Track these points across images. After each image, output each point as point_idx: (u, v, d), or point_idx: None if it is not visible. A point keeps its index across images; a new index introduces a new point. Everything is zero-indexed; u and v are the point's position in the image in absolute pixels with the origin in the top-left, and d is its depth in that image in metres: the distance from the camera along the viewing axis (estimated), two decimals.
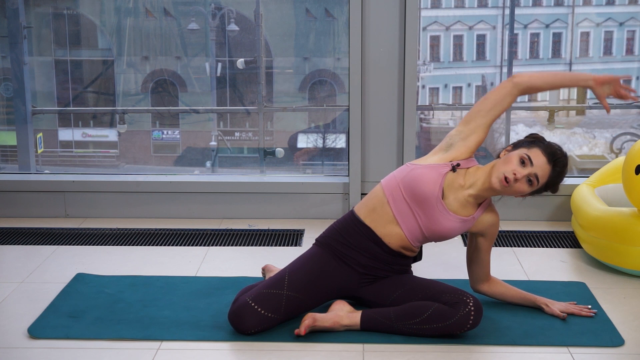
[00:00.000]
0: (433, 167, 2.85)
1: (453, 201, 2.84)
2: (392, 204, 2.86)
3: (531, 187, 2.79)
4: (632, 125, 8.18)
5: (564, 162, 2.81)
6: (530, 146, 2.81)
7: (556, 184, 2.83)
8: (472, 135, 2.89)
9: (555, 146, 2.83)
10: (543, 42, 9.98)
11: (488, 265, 3.01)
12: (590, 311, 2.97)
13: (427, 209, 2.82)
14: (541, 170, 2.77)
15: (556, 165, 2.79)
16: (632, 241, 3.33)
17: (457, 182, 2.85)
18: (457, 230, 2.86)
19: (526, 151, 2.79)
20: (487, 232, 2.94)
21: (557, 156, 2.80)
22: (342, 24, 5.56)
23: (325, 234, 2.99)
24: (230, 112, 7.24)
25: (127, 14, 6.17)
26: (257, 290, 2.82)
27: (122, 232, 4.09)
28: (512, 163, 2.77)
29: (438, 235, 2.86)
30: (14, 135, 4.95)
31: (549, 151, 2.79)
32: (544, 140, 2.85)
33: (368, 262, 2.90)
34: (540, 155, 2.78)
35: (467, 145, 2.89)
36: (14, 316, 2.98)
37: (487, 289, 3.04)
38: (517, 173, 2.75)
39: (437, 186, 2.82)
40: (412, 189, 2.83)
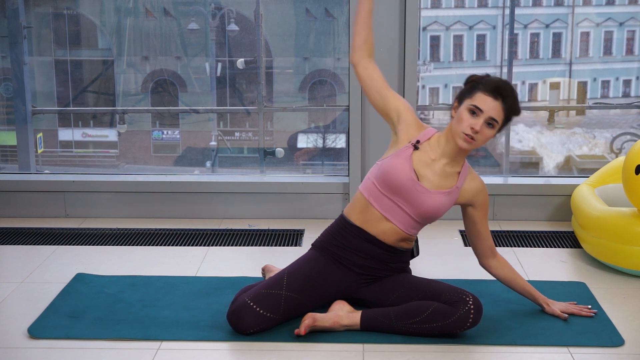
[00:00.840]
0: (396, 154, 2.86)
1: (431, 177, 2.84)
2: (375, 205, 2.87)
3: (494, 129, 2.78)
4: (632, 125, 8.19)
5: (509, 89, 2.78)
6: (472, 93, 2.79)
7: (515, 111, 2.81)
8: (394, 112, 2.91)
9: (493, 80, 2.80)
10: (543, 42, 9.97)
11: (489, 238, 2.99)
12: (590, 311, 2.97)
13: (407, 195, 2.82)
14: (493, 110, 2.76)
15: (504, 98, 2.77)
16: (632, 241, 3.33)
17: (427, 157, 2.86)
18: (445, 204, 2.85)
19: (470, 101, 2.78)
20: (475, 201, 2.92)
21: (500, 89, 2.77)
22: (342, 24, 5.56)
23: (321, 239, 2.99)
24: (230, 112, 7.24)
25: (127, 14, 6.18)
26: (256, 290, 2.82)
27: (122, 232, 4.09)
28: (464, 119, 2.77)
29: (429, 215, 2.86)
30: (14, 135, 4.95)
31: (490, 89, 2.77)
32: (481, 78, 2.83)
33: (366, 263, 2.91)
34: (485, 98, 2.76)
35: (404, 121, 2.90)
36: (14, 316, 2.98)
37: (496, 268, 3.00)
38: (474, 126, 2.75)
39: (408, 169, 2.82)
40: (386, 183, 2.84)
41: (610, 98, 10.14)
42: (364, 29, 2.94)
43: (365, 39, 2.94)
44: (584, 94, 9.93)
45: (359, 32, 2.95)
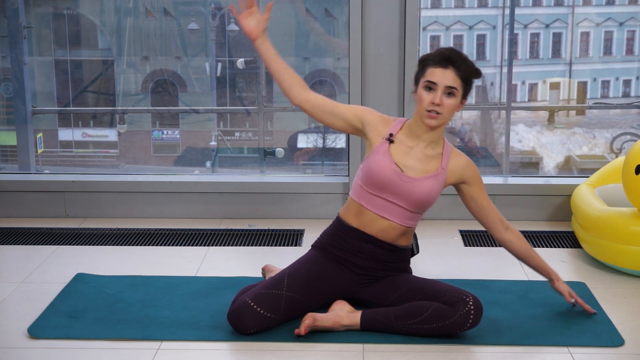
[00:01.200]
0: (374, 152, 2.87)
1: (414, 164, 2.85)
2: (368, 207, 2.87)
3: (456, 97, 2.78)
4: (632, 125, 8.19)
5: (456, 55, 2.78)
6: (424, 71, 2.81)
7: (471, 73, 2.81)
8: (352, 115, 2.91)
9: (439, 51, 2.80)
10: (543, 42, 9.98)
11: (494, 210, 2.98)
12: (591, 310, 2.97)
13: (395, 189, 2.83)
14: (447, 79, 2.77)
15: (454, 64, 2.77)
16: (632, 241, 3.33)
17: (404, 146, 2.87)
18: (434, 188, 2.85)
19: (424, 79, 2.80)
20: (466, 177, 2.93)
21: (447, 57, 2.78)
22: (342, 24, 5.56)
23: (320, 240, 3.00)
24: (230, 112, 7.24)
25: (127, 14, 6.18)
26: (257, 290, 2.82)
27: (122, 232, 4.09)
28: (423, 97, 2.79)
29: (422, 203, 2.86)
30: (14, 135, 4.95)
31: (437, 60, 2.78)
32: (429, 54, 2.84)
33: (366, 263, 2.91)
34: (434, 70, 2.77)
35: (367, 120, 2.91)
36: (14, 316, 2.98)
37: (511, 240, 2.98)
38: (433, 100, 2.77)
39: (390, 163, 2.83)
40: (372, 182, 2.85)
41: (610, 98, 10.15)
42: (283, 72, 2.93)
43: (290, 79, 2.93)
44: (584, 94, 9.93)
45: (281, 77, 2.93)
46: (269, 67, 2.94)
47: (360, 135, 2.97)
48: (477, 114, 8.93)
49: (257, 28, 2.91)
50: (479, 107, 9.63)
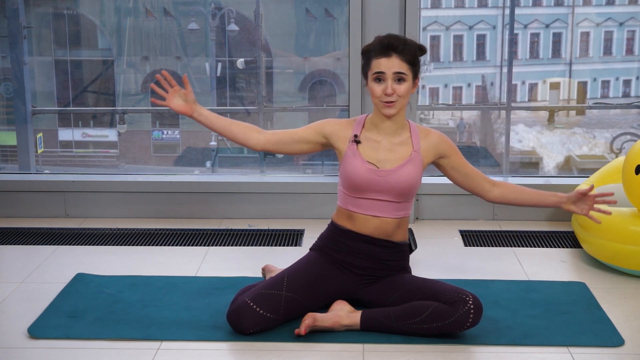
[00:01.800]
0: (346, 157, 2.88)
1: (387, 155, 2.86)
2: (356, 210, 2.89)
3: (407, 80, 2.79)
4: (632, 125, 8.20)
5: (395, 41, 2.78)
6: (369, 64, 2.81)
7: (414, 52, 2.81)
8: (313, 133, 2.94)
9: (379, 41, 2.80)
10: (543, 42, 9.99)
11: (478, 173, 2.98)
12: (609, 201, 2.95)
13: (377, 186, 2.84)
14: (394, 66, 2.78)
15: (396, 50, 2.78)
16: (632, 241, 3.33)
17: (372, 142, 2.88)
18: (414, 172, 2.86)
19: (371, 71, 2.81)
20: (442, 151, 2.93)
21: (387, 45, 2.78)
22: (342, 24, 5.56)
23: (318, 242, 3.00)
24: (230, 112, 7.24)
25: (127, 14, 6.18)
26: (256, 290, 2.82)
27: (122, 232, 4.09)
28: (375, 89, 2.80)
29: (407, 190, 2.86)
30: (14, 135, 4.95)
31: (379, 50, 2.79)
32: (370, 45, 2.83)
33: (364, 264, 2.91)
34: (380, 61, 2.78)
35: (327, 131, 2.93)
36: (14, 316, 2.98)
37: (503, 193, 2.99)
38: (385, 90, 2.78)
39: (363, 163, 2.84)
40: (352, 186, 2.86)
41: (610, 98, 10.15)
42: (231, 128, 2.94)
43: (241, 131, 2.94)
44: (584, 94, 9.94)
45: (233, 134, 2.94)
46: (217, 131, 2.96)
47: (329, 148, 2.98)
48: (477, 114, 8.94)
49: (187, 104, 2.92)
50: (479, 107, 9.64)
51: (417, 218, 4.31)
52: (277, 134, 2.96)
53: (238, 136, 2.94)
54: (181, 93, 2.92)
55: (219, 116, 2.96)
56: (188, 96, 2.91)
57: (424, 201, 4.29)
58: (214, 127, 2.94)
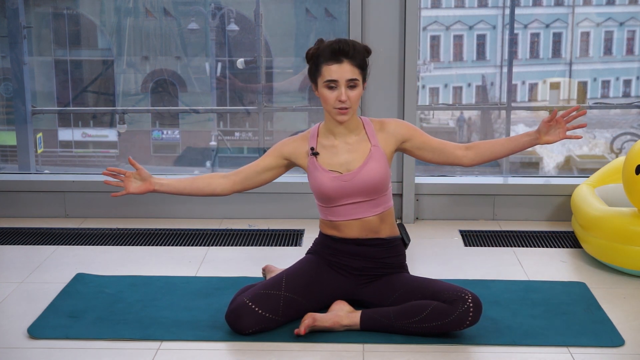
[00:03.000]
0: (309, 172, 2.90)
1: (347, 157, 2.86)
2: (336, 219, 2.90)
3: (359, 85, 2.79)
4: (632, 125, 8.19)
5: (344, 46, 2.74)
6: (319, 69, 2.78)
7: (363, 56, 2.80)
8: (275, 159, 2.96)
9: (327, 47, 2.76)
10: (543, 42, 9.99)
11: (447, 143, 2.94)
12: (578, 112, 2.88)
13: (346, 191, 2.84)
14: (346, 73, 2.76)
15: (347, 56, 2.75)
16: (632, 241, 3.33)
17: (329, 148, 2.88)
18: (381, 166, 2.85)
19: (322, 78, 2.77)
20: (401, 135, 2.90)
21: (337, 52, 2.74)
22: (342, 24, 5.56)
23: (314, 248, 3.01)
24: (230, 112, 7.24)
25: (127, 14, 6.17)
26: (255, 290, 2.82)
27: (122, 232, 4.09)
28: (328, 97, 2.78)
29: (377, 186, 2.85)
30: (14, 135, 4.95)
31: (329, 56, 2.75)
32: (317, 49, 2.80)
33: (360, 264, 2.91)
34: (330, 68, 2.76)
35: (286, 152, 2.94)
36: (14, 316, 2.98)
37: (475, 154, 2.93)
38: (339, 97, 2.77)
39: (325, 173, 2.85)
40: (324, 198, 2.87)
41: (610, 98, 10.16)
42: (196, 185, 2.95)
43: (206, 185, 2.95)
44: (584, 94, 9.94)
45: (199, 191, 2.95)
46: (182, 194, 2.97)
47: (296, 167, 2.98)
48: (477, 114, 8.94)
49: (145, 183, 2.93)
50: (479, 107, 9.64)
51: (417, 218, 4.31)
52: (240, 172, 2.96)
53: (204, 189, 2.95)
54: (135, 175, 2.92)
55: (180, 179, 2.97)
56: (142, 174, 2.92)
57: (424, 201, 4.29)
58: (178, 191, 2.95)
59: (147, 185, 2.92)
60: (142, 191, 2.92)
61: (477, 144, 2.97)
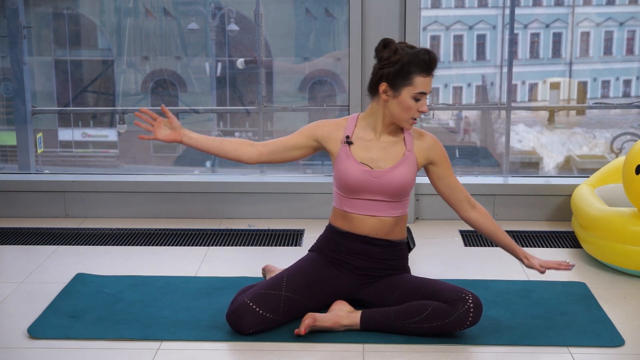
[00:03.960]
0: (338, 159, 2.88)
1: (381, 154, 2.86)
2: (352, 211, 2.89)
3: None
4: (632, 125, 8.19)
5: (435, 61, 2.76)
6: (409, 78, 2.75)
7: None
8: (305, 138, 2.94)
9: (421, 58, 2.75)
10: (543, 42, 9.98)
11: (462, 190, 2.96)
12: (568, 265, 2.91)
13: (371, 187, 2.84)
14: (430, 86, 2.79)
15: (434, 69, 2.77)
16: (632, 241, 3.33)
17: (365, 141, 2.87)
18: (408, 173, 2.85)
19: (413, 89, 2.76)
20: (432, 157, 2.92)
21: (428, 63, 2.75)
22: (342, 24, 5.56)
23: (317, 244, 3.00)
24: (230, 112, 7.24)
25: (127, 14, 6.17)
26: (256, 290, 2.82)
27: (122, 232, 4.09)
28: (411, 107, 2.78)
29: (401, 190, 2.86)
30: (14, 135, 4.95)
31: (424, 68, 2.75)
32: (405, 54, 2.75)
33: (364, 264, 2.91)
34: (424, 81, 2.76)
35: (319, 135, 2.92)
36: (14, 316, 2.98)
37: (477, 218, 2.96)
38: (421, 108, 2.78)
39: (355, 164, 2.84)
40: (347, 187, 2.86)
41: (610, 98, 10.16)
42: (222, 146, 2.95)
43: (233, 148, 2.94)
44: (584, 94, 9.94)
45: (225, 153, 2.94)
46: (208, 152, 2.96)
47: (322, 150, 2.97)
48: (477, 113, 8.94)
49: (174, 132, 2.93)
50: (479, 107, 9.64)
51: (417, 218, 4.31)
52: (269, 144, 2.95)
53: (230, 153, 2.94)
54: (165, 122, 2.93)
55: (208, 137, 2.97)
56: (173, 123, 2.92)
57: (424, 201, 4.29)
58: (204, 148, 2.94)
59: (175, 135, 2.92)
60: (170, 140, 2.92)
61: (484, 213, 2.98)
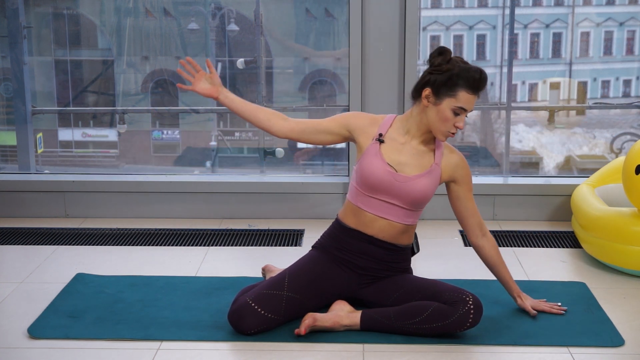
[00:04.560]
0: (366, 154, 2.86)
1: (408, 160, 2.84)
2: (365, 208, 2.87)
3: None
4: (632, 125, 8.18)
5: (485, 81, 2.75)
6: (454, 90, 2.74)
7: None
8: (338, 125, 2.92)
9: (471, 75, 2.74)
10: (543, 42, 9.98)
11: (476, 214, 2.97)
12: (560, 309, 2.96)
13: (391, 189, 2.82)
14: (473, 105, 2.78)
15: (482, 90, 2.77)
16: (632, 241, 3.33)
17: (396, 143, 2.86)
18: (430, 185, 2.84)
19: (455, 102, 2.75)
20: (456, 175, 2.91)
21: (478, 83, 2.74)
22: (342, 24, 5.56)
23: (321, 241, 3.00)
24: (230, 112, 7.23)
25: (127, 14, 6.17)
26: (257, 290, 2.82)
27: (122, 232, 4.09)
28: (449, 119, 2.76)
29: (419, 201, 2.85)
30: (14, 135, 4.95)
31: (472, 86, 2.74)
32: (455, 66, 2.75)
33: (366, 264, 2.91)
34: (468, 97, 2.75)
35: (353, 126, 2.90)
36: (14, 316, 2.98)
37: (484, 246, 2.98)
38: (459, 124, 2.77)
39: (382, 164, 2.83)
40: (367, 184, 2.84)
41: (610, 98, 10.15)
42: (256, 113, 2.93)
43: (266, 117, 2.93)
44: (584, 94, 9.93)
45: (257, 119, 2.93)
46: (242, 115, 2.94)
47: (351, 141, 2.96)
48: (477, 114, 8.94)
49: (213, 87, 2.93)
50: (479, 107, 9.64)
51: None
52: (301, 123, 2.94)
53: (262, 122, 2.93)
54: (207, 76, 2.93)
55: (245, 101, 2.95)
56: (214, 79, 2.92)
57: None
58: (239, 110, 2.93)
59: (213, 91, 2.92)
60: (207, 94, 2.92)
61: (492, 246, 3.00)
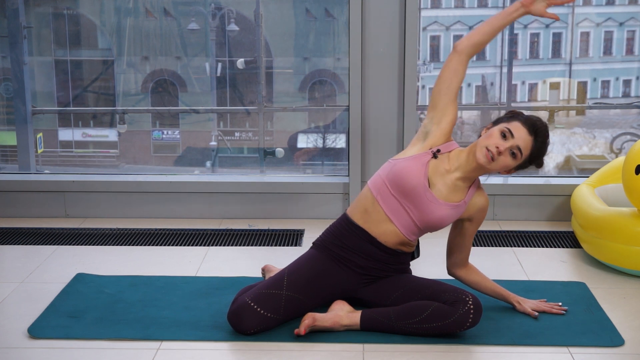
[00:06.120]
0: (414, 158, 2.85)
1: (442, 187, 2.84)
2: (381, 203, 2.86)
3: (515, 160, 2.77)
4: (632, 125, 8.19)
5: (545, 132, 2.80)
6: (510, 120, 2.80)
7: (540, 156, 2.82)
8: (444, 117, 2.87)
9: (534, 118, 2.82)
10: (543, 42, 9.98)
11: (469, 251, 3.01)
12: (560, 309, 2.97)
13: (416, 200, 2.82)
14: (523, 142, 2.76)
15: (537, 136, 2.78)
16: (632, 241, 3.33)
17: (442, 168, 2.85)
18: (450, 217, 2.85)
19: (506, 124, 2.78)
20: (475, 216, 2.93)
21: (538, 127, 2.79)
22: (342, 24, 5.56)
23: (322, 238, 2.99)
24: (230, 112, 7.24)
25: (127, 14, 6.17)
26: (257, 290, 2.82)
27: (122, 232, 4.09)
28: (493, 137, 2.77)
29: (432, 225, 2.85)
30: (14, 135, 4.95)
31: (529, 123, 2.79)
32: (523, 114, 2.84)
33: (366, 264, 2.91)
34: (520, 128, 2.77)
35: (442, 127, 2.88)
36: (14, 316, 2.98)
37: (463, 275, 3.03)
38: (500, 146, 2.75)
39: (422, 175, 2.81)
40: (398, 184, 2.82)
41: (610, 98, 10.14)
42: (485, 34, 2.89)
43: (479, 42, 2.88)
44: (584, 94, 9.93)
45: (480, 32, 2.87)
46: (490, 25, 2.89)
47: (431, 115, 2.89)
48: (477, 113, 8.93)
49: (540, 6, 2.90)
50: (479, 107, 9.64)
51: None
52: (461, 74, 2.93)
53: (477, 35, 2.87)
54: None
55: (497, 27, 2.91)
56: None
57: None
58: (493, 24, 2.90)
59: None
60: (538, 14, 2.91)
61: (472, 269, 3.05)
